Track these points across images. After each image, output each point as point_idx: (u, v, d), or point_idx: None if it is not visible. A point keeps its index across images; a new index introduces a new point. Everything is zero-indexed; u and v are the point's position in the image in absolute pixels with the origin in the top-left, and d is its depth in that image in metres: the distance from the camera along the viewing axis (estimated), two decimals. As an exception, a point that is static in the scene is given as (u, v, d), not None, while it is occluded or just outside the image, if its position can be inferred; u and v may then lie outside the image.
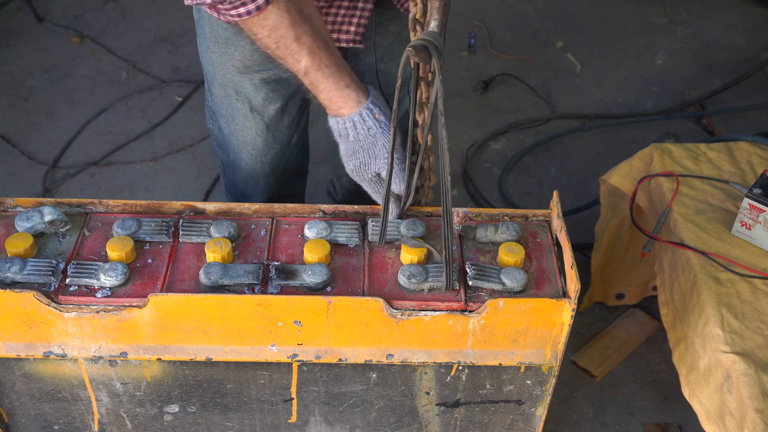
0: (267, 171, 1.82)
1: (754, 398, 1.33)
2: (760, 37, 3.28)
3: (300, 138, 1.85)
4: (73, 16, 3.32)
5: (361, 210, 1.48)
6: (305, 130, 1.87)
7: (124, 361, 1.38)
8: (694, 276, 1.55)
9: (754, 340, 1.42)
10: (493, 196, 2.58)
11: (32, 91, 2.94)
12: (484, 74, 3.05)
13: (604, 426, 1.97)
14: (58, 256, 1.38)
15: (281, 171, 1.85)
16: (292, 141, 1.82)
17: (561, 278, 1.37)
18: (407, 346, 1.36)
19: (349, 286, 1.35)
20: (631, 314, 2.20)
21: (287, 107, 1.73)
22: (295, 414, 1.49)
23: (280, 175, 1.85)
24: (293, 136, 1.81)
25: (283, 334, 1.33)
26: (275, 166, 1.82)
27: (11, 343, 1.35)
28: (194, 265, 1.37)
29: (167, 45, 3.18)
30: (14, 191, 2.54)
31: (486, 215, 1.48)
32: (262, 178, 1.83)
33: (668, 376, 2.06)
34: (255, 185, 1.85)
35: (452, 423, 1.52)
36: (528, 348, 1.37)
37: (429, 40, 1.20)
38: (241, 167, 1.82)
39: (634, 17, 3.41)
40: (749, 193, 1.57)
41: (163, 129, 2.80)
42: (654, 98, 2.99)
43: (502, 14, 3.42)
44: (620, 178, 1.89)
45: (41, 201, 1.44)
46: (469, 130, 2.81)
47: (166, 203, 1.47)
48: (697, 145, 1.86)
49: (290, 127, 1.78)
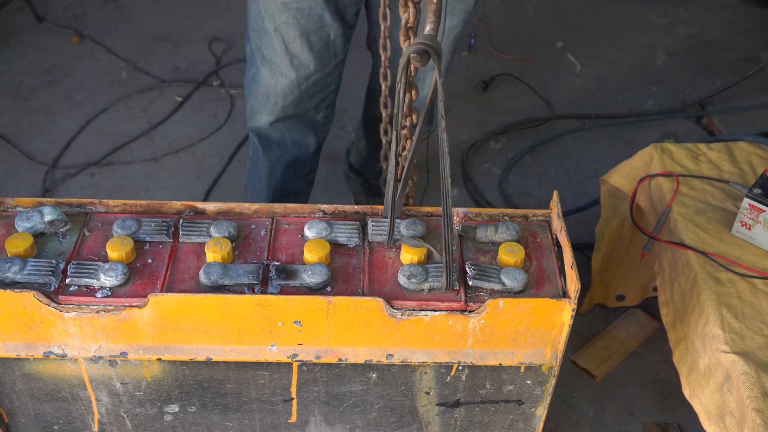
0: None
1: (754, 398, 1.33)
2: (760, 37, 3.28)
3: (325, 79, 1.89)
4: (73, 16, 3.32)
5: (361, 210, 1.48)
6: (333, 78, 1.91)
7: (124, 361, 1.38)
8: (694, 276, 1.55)
9: (754, 340, 1.42)
10: (493, 196, 2.58)
11: (32, 91, 2.94)
12: (484, 74, 3.05)
13: (604, 426, 1.97)
14: (58, 256, 1.38)
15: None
16: (311, 77, 1.86)
17: (561, 278, 1.37)
18: (407, 346, 1.36)
19: (349, 286, 1.35)
20: (631, 314, 2.20)
21: (309, 38, 1.78)
22: (295, 414, 1.49)
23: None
24: (315, 72, 1.85)
25: (283, 334, 1.33)
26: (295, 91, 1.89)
27: (11, 343, 1.35)
28: (194, 265, 1.37)
29: (167, 45, 3.18)
30: (14, 191, 2.54)
31: (486, 215, 1.48)
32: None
33: (668, 376, 2.06)
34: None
35: (452, 423, 1.52)
36: (528, 348, 1.37)
37: (429, 44, 1.20)
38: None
39: (634, 17, 3.41)
40: (749, 193, 1.57)
41: (163, 129, 2.80)
42: (654, 98, 2.99)
43: (502, 14, 3.42)
44: (620, 178, 1.89)
45: (41, 201, 1.44)
46: (469, 130, 2.81)
47: (166, 203, 1.47)
48: (697, 145, 1.86)
49: (311, 59, 1.82)
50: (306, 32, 1.78)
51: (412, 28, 1.32)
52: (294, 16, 1.75)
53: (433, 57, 1.20)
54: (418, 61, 1.21)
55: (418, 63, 1.21)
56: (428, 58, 1.21)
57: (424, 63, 1.22)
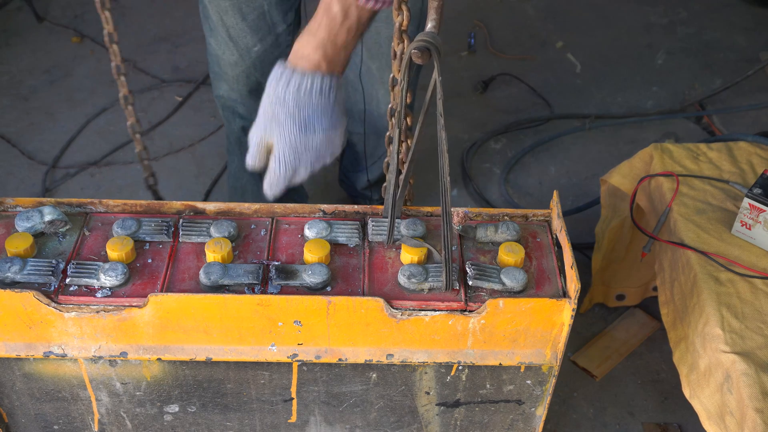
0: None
1: (754, 398, 1.33)
2: (760, 37, 3.28)
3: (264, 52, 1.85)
4: (73, 16, 3.32)
5: (361, 210, 1.48)
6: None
7: (124, 361, 1.38)
8: (694, 276, 1.55)
9: (754, 340, 1.42)
10: (493, 196, 2.58)
11: (32, 91, 2.94)
12: (484, 74, 3.05)
13: (604, 426, 1.97)
14: (58, 256, 1.38)
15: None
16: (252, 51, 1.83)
17: (561, 278, 1.37)
18: (407, 346, 1.36)
19: (349, 286, 1.35)
20: (631, 314, 2.20)
21: (241, 9, 1.75)
22: (295, 414, 1.49)
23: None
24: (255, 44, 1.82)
25: (283, 334, 1.33)
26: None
27: (11, 343, 1.35)
28: (194, 265, 1.37)
29: (167, 45, 3.18)
30: (14, 191, 2.54)
31: (486, 215, 1.48)
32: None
33: (668, 376, 2.06)
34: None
35: (452, 423, 1.52)
36: (528, 348, 1.37)
37: (430, 41, 1.20)
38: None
39: (634, 17, 3.41)
40: (749, 193, 1.57)
41: (163, 129, 2.80)
42: (654, 98, 2.99)
43: (502, 14, 3.42)
44: (620, 178, 1.89)
45: (41, 201, 1.44)
46: (469, 130, 2.81)
47: (166, 203, 1.47)
48: (697, 145, 1.86)
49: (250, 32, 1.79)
50: (238, 2, 1.74)
51: (406, 30, 1.32)
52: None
53: (434, 54, 1.20)
54: (419, 58, 1.20)
55: (419, 60, 1.21)
56: (429, 56, 1.21)
57: (425, 60, 1.21)
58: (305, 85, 1.29)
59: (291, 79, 1.29)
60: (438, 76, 1.21)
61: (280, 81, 1.29)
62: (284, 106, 1.29)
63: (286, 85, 1.29)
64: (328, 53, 1.29)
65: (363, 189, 2.38)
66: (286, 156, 1.32)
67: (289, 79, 1.29)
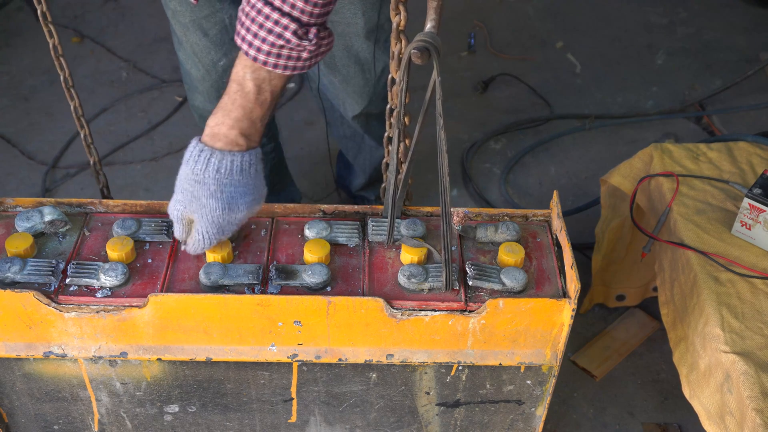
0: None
1: (754, 398, 1.33)
2: (760, 37, 3.28)
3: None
4: (73, 16, 3.32)
5: (361, 210, 1.48)
6: None
7: (124, 361, 1.38)
8: (694, 276, 1.55)
9: (754, 340, 1.42)
10: (493, 196, 2.57)
11: (32, 91, 2.94)
12: (484, 74, 3.05)
13: (604, 426, 1.97)
14: (58, 256, 1.38)
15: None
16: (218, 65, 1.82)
17: (561, 278, 1.37)
18: (407, 346, 1.36)
19: (349, 286, 1.35)
20: (631, 314, 2.20)
21: (201, 25, 1.74)
22: (295, 414, 1.49)
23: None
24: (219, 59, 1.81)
25: (283, 334, 1.33)
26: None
27: (11, 343, 1.35)
28: (194, 265, 1.37)
29: (167, 45, 3.18)
30: (14, 191, 2.54)
31: (486, 215, 1.48)
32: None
33: (668, 376, 2.06)
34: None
35: (452, 423, 1.52)
36: (528, 348, 1.37)
37: (429, 41, 1.20)
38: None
39: (634, 17, 3.40)
40: (749, 193, 1.57)
41: (163, 129, 2.80)
42: (654, 98, 2.99)
43: (502, 14, 3.41)
44: (620, 178, 1.89)
45: (41, 201, 1.44)
46: (469, 130, 2.81)
47: (166, 203, 1.47)
48: (697, 145, 1.86)
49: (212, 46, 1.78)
50: (197, 19, 1.73)
51: (404, 31, 1.32)
52: (181, 2, 1.70)
53: (434, 54, 1.20)
54: (419, 58, 1.20)
55: (418, 60, 1.21)
56: (429, 56, 1.21)
57: (425, 60, 1.21)
58: (225, 165, 1.26)
59: (210, 159, 1.26)
60: (437, 76, 1.21)
61: (198, 161, 1.26)
62: (205, 187, 1.26)
63: (204, 166, 1.26)
64: (244, 130, 1.27)
65: (358, 191, 2.38)
66: (210, 232, 1.31)
67: (208, 159, 1.26)
